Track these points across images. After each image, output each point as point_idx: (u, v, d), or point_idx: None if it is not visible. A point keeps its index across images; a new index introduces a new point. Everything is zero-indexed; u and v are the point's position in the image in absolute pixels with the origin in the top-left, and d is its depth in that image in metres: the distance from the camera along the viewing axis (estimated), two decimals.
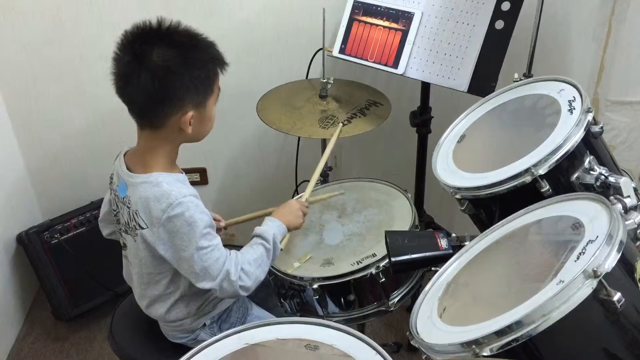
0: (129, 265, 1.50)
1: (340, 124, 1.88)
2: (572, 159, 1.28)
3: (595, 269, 0.92)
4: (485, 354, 0.96)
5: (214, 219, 1.65)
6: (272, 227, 1.49)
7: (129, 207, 1.37)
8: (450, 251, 1.33)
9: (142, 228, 1.34)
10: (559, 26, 2.06)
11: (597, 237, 1.01)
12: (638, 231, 1.10)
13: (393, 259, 1.35)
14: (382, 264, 1.55)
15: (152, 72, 1.25)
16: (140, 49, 1.26)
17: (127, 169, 1.39)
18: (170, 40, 1.28)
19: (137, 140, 1.40)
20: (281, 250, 1.51)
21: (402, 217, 1.72)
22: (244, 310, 1.60)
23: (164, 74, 1.26)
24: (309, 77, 2.22)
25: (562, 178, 1.29)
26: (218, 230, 1.68)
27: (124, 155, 1.43)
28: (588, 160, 1.29)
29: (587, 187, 1.28)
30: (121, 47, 1.29)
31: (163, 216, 1.30)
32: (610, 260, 0.94)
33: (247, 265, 1.39)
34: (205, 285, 1.35)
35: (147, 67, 1.25)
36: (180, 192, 1.32)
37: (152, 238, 1.34)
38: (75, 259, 2.27)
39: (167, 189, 1.31)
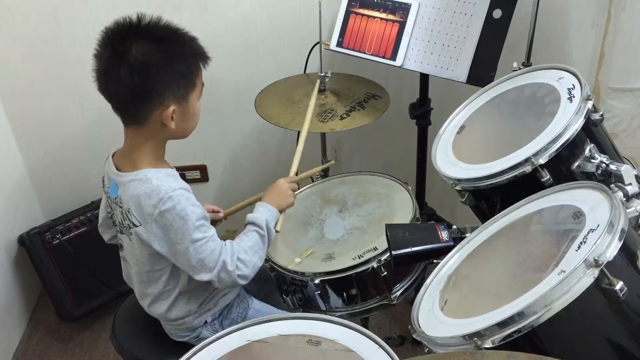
0: (128, 266, 1.50)
1: (318, 81, 1.91)
2: (572, 148, 1.27)
3: (596, 258, 0.91)
4: (487, 346, 0.95)
5: (213, 211, 1.66)
6: (263, 212, 1.49)
7: (121, 207, 1.37)
8: (452, 243, 1.32)
9: (136, 226, 1.34)
10: (558, 14, 2.04)
11: (598, 225, 1.01)
12: None
13: (394, 252, 1.34)
14: (383, 257, 1.54)
15: (131, 67, 1.25)
16: (120, 44, 1.26)
17: (116, 169, 1.39)
18: (149, 35, 1.28)
19: (124, 139, 1.40)
20: (277, 232, 1.51)
21: (403, 210, 1.71)
22: (244, 306, 1.59)
23: (143, 68, 1.25)
24: (306, 72, 2.21)
25: (562, 167, 1.28)
26: (219, 221, 1.68)
27: (112, 156, 1.43)
28: (589, 148, 1.28)
29: (588, 176, 1.27)
30: (101, 44, 1.29)
31: (155, 212, 1.30)
32: (611, 249, 0.93)
33: (244, 254, 1.39)
34: (203, 277, 1.35)
35: (126, 62, 1.25)
36: (170, 187, 1.31)
37: (146, 235, 1.34)
38: (77, 259, 2.27)
39: (156, 184, 1.31)
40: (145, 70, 1.26)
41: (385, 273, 1.54)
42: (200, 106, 1.40)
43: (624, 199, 1.13)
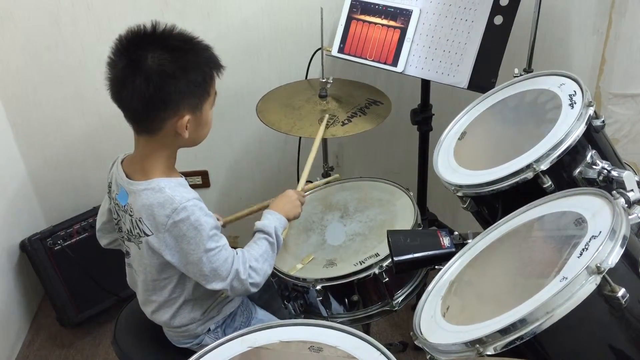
0: (133, 273, 1.50)
1: (327, 115, 1.90)
2: (574, 154, 1.27)
3: (598, 264, 0.91)
4: (489, 353, 0.95)
5: None
6: (272, 220, 1.49)
7: (131, 215, 1.36)
8: (453, 249, 1.32)
9: (147, 235, 1.33)
10: (559, 20, 2.05)
11: (600, 232, 1.00)
12: None
13: (395, 259, 1.34)
14: (385, 263, 1.54)
15: (147, 77, 1.24)
16: (135, 53, 1.25)
17: (126, 176, 1.38)
18: (165, 44, 1.27)
19: (134, 146, 1.39)
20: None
21: (405, 216, 1.71)
22: (248, 314, 1.59)
23: (159, 78, 1.25)
24: (308, 77, 2.21)
25: (564, 173, 1.28)
26: None
27: (121, 163, 1.42)
28: (590, 154, 1.28)
29: (590, 182, 1.27)
30: (116, 52, 1.28)
31: (168, 222, 1.30)
32: (613, 256, 0.93)
33: (255, 262, 1.39)
34: (215, 286, 1.35)
35: (142, 71, 1.24)
36: (183, 197, 1.31)
37: (158, 244, 1.33)
38: (78, 265, 2.27)
39: (170, 194, 1.31)
40: (161, 80, 1.25)
41: (387, 279, 1.54)
42: (212, 115, 1.40)
43: (626, 205, 1.13)
